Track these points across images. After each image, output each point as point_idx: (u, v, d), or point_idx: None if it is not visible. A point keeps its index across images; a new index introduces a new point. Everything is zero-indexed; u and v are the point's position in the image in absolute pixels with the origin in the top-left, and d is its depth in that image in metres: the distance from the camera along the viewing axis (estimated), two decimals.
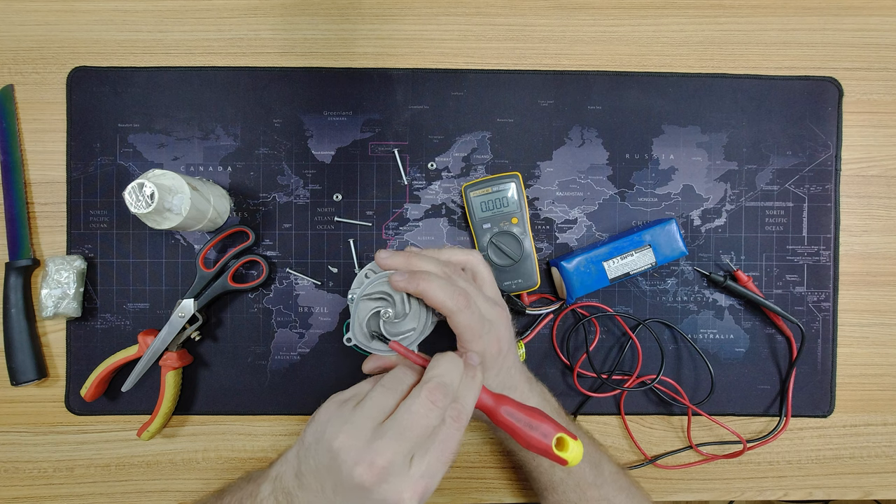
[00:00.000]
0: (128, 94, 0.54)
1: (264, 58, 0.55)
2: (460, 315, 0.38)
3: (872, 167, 0.55)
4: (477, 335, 0.39)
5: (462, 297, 0.38)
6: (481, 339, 0.39)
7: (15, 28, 0.54)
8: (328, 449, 0.32)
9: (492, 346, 0.41)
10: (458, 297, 0.38)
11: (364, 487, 0.31)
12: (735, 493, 0.55)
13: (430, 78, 0.54)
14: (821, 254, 0.55)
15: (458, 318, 0.38)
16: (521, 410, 0.36)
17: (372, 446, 0.31)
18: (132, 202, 0.42)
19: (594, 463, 0.46)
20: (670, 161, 0.55)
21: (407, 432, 0.32)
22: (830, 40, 0.55)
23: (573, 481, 0.45)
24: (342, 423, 0.33)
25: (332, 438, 0.32)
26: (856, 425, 0.55)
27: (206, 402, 0.54)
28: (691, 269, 0.55)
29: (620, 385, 0.54)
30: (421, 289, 0.38)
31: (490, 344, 0.40)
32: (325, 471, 0.33)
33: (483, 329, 0.39)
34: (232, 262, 0.53)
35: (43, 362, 0.53)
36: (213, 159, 0.54)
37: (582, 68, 0.55)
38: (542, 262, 0.54)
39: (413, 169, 0.54)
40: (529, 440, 0.35)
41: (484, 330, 0.39)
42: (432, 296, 0.38)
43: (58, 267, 0.51)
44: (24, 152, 0.54)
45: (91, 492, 0.54)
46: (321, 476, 0.33)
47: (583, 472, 0.45)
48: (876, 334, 0.55)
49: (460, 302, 0.38)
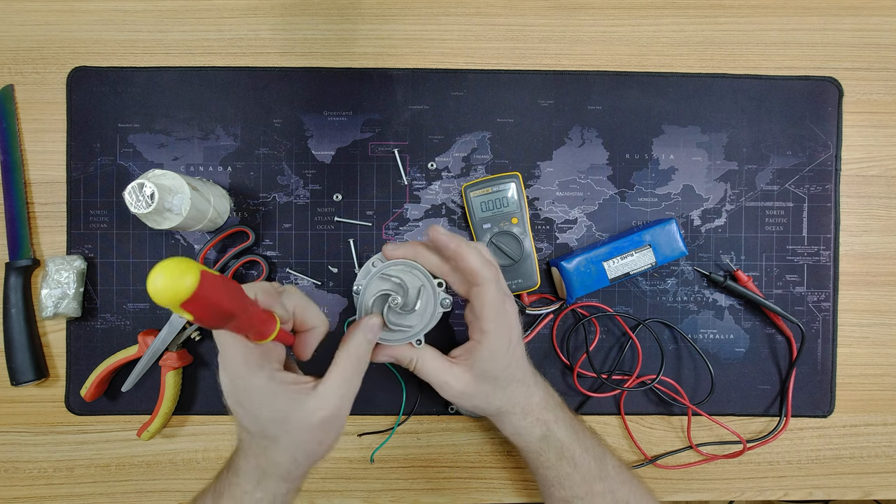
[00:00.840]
0: (128, 94, 0.54)
1: (264, 58, 0.55)
2: (489, 286, 0.39)
3: (872, 167, 0.55)
4: (497, 314, 0.40)
5: (494, 268, 0.40)
6: (496, 322, 0.40)
7: (15, 28, 0.54)
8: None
9: (503, 335, 0.41)
10: (491, 267, 0.40)
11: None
12: (735, 493, 0.55)
13: (430, 78, 0.54)
14: (821, 254, 0.55)
15: (487, 289, 0.39)
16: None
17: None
18: (132, 202, 0.42)
19: (598, 457, 0.45)
20: (670, 161, 0.55)
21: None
22: (830, 40, 0.55)
23: (579, 475, 0.44)
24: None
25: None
26: (856, 425, 0.55)
27: (206, 402, 0.54)
28: (691, 269, 0.55)
29: (620, 385, 0.54)
30: (461, 250, 0.39)
31: (502, 332, 0.41)
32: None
33: (502, 310, 0.40)
34: (232, 262, 0.53)
35: (43, 362, 0.53)
36: (213, 159, 0.54)
37: (582, 68, 0.55)
38: (542, 262, 0.54)
39: (413, 169, 0.54)
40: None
41: (501, 312, 0.40)
42: (469, 259, 0.39)
43: (58, 267, 0.51)
44: (24, 152, 0.54)
45: (91, 492, 0.54)
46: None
47: (588, 465, 0.45)
48: (876, 334, 0.55)
49: (493, 272, 0.40)
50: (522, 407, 0.44)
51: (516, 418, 0.44)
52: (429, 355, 0.43)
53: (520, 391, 0.44)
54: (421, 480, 0.55)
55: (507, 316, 0.41)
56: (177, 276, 0.20)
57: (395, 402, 0.54)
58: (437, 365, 0.43)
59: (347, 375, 0.36)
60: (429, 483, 0.55)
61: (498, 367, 0.42)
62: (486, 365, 0.42)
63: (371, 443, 0.54)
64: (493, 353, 0.41)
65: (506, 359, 0.42)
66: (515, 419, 0.44)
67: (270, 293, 0.33)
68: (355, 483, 0.54)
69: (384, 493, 0.54)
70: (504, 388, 0.43)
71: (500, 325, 0.41)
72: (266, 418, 0.34)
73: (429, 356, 0.43)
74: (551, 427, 0.45)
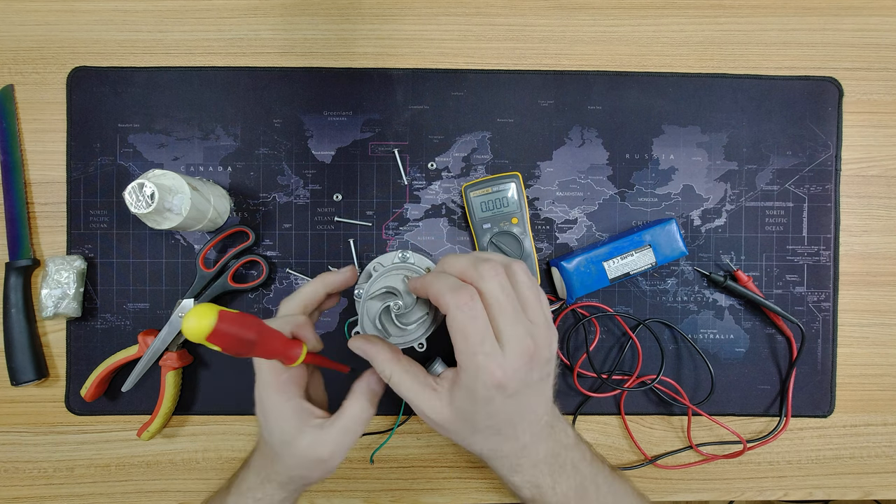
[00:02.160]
0: (128, 94, 0.54)
1: (264, 58, 0.55)
2: (453, 313, 0.33)
3: (872, 167, 0.55)
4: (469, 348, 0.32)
5: (466, 293, 0.33)
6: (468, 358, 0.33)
7: (15, 28, 0.54)
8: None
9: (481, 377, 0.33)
10: (461, 292, 0.33)
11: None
12: (735, 493, 0.55)
13: (430, 78, 0.54)
14: (821, 254, 0.55)
15: (451, 316, 0.33)
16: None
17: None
18: (132, 202, 0.42)
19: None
20: (670, 161, 0.55)
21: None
22: (830, 40, 0.55)
23: None
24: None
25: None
26: (856, 425, 0.55)
27: (206, 402, 0.54)
28: (691, 269, 0.55)
29: (620, 385, 0.54)
30: (424, 284, 0.36)
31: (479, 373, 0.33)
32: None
33: (476, 342, 0.32)
34: (232, 262, 0.53)
35: (43, 362, 0.53)
36: (213, 159, 0.54)
37: (582, 68, 0.55)
38: (542, 262, 0.54)
39: (413, 169, 0.54)
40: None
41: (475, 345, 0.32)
42: (431, 289, 0.35)
43: (58, 267, 0.51)
44: (24, 152, 0.54)
45: (91, 492, 0.54)
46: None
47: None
48: (876, 334, 0.55)
49: (459, 296, 0.32)
50: (511, 463, 0.37)
51: (503, 470, 0.38)
52: (407, 374, 0.36)
53: (509, 446, 0.36)
54: (421, 480, 0.55)
55: (489, 356, 0.32)
56: (200, 317, 0.26)
57: (396, 402, 0.54)
58: (415, 388, 0.36)
59: (350, 427, 0.37)
60: (429, 483, 0.55)
61: (477, 414, 0.34)
62: (463, 404, 0.34)
63: (371, 443, 0.54)
64: (471, 395, 0.34)
65: (487, 408, 0.34)
66: (502, 471, 0.38)
67: (303, 326, 0.36)
68: (355, 483, 0.54)
69: (384, 493, 0.55)
70: (486, 437, 0.36)
71: (474, 364, 0.32)
72: (276, 437, 0.37)
73: (407, 375, 0.36)
74: (545, 493, 0.38)
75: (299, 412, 0.36)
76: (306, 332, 0.37)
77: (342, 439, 0.36)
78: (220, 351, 0.29)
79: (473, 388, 0.33)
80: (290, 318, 0.37)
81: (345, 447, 0.37)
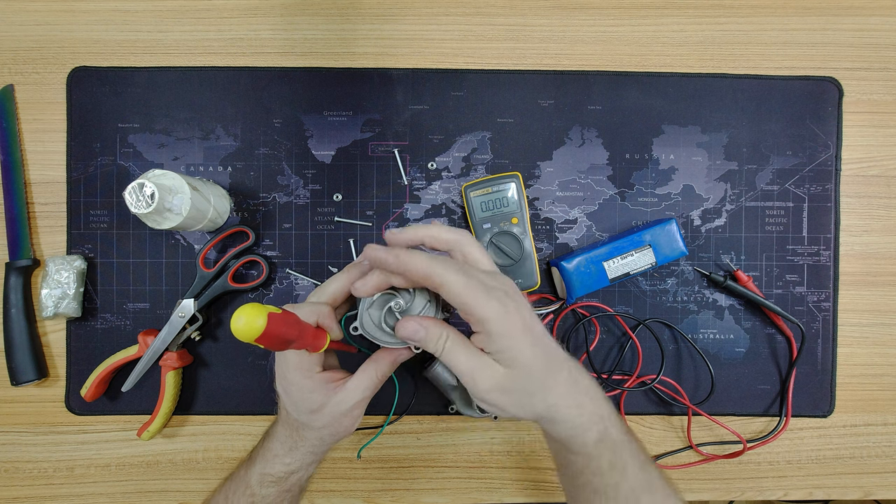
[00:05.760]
0: (128, 94, 0.54)
1: (264, 58, 0.55)
2: (450, 284, 0.33)
3: (872, 167, 0.55)
4: (483, 296, 0.33)
5: (446, 263, 0.34)
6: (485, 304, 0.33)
7: (15, 28, 0.54)
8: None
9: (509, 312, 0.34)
10: (443, 264, 0.33)
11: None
12: (735, 493, 0.55)
13: (430, 78, 0.54)
14: (821, 254, 0.55)
15: (450, 288, 0.33)
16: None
17: None
18: (132, 202, 0.42)
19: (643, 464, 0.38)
20: (670, 161, 0.55)
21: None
22: (830, 40, 0.55)
23: (628, 486, 0.37)
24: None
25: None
26: (856, 425, 0.55)
27: (206, 402, 0.54)
28: (691, 269, 0.55)
29: (620, 385, 0.54)
30: (402, 262, 0.34)
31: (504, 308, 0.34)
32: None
33: (487, 294, 0.33)
34: (232, 262, 0.53)
35: (43, 362, 0.53)
36: (213, 159, 0.54)
37: (582, 68, 0.55)
38: (542, 262, 0.54)
39: (413, 169, 0.54)
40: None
41: (489, 295, 0.33)
42: (413, 267, 0.34)
43: (58, 267, 0.51)
44: (24, 152, 0.54)
45: (91, 492, 0.54)
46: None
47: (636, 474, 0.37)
48: (876, 334, 0.55)
49: (447, 266, 0.33)
50: (575, 398, 0.36)
51: (572, 413, 0.36)
52: (460, 339, 0.36)
53: (562, 384, 0.36)
54: (421, 480, 0.55)
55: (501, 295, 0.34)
56: (252, 319, 0.26)
57: (399, 401, 0.54)
58: (468, 352, 0.35)
59: (371, 377, 0.41)
60: (429, 483, 0.55)
61: (523, 348, 0.34)
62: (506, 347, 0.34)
63: (362, 438, 0.54)
64: (508, 332, 0.34)
65: (526, 337, 0.34)
66: (572, 415, 0.36)
67: (327, 316, 0.39)
68: (355, 483, 0.54)
69: (384, 493, 0.55)
70: (542, 383, 0.35)
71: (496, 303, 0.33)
72: (304, 408, 0.40)
73: (460, 340, 0.36)
74: (608, 424, 0.37)
75: (322, 383, 0.40)
76: (330, 323, 0.39)
77: (367, 383, 0.40)
78: (259, 346, 0.31)
79: (508, 327, 0.34)
80: (315, 307, 0.39)
81: (371, 390, 0.41)
